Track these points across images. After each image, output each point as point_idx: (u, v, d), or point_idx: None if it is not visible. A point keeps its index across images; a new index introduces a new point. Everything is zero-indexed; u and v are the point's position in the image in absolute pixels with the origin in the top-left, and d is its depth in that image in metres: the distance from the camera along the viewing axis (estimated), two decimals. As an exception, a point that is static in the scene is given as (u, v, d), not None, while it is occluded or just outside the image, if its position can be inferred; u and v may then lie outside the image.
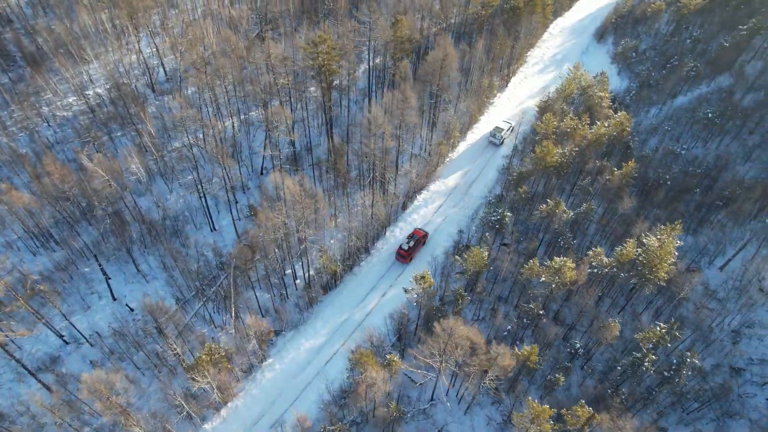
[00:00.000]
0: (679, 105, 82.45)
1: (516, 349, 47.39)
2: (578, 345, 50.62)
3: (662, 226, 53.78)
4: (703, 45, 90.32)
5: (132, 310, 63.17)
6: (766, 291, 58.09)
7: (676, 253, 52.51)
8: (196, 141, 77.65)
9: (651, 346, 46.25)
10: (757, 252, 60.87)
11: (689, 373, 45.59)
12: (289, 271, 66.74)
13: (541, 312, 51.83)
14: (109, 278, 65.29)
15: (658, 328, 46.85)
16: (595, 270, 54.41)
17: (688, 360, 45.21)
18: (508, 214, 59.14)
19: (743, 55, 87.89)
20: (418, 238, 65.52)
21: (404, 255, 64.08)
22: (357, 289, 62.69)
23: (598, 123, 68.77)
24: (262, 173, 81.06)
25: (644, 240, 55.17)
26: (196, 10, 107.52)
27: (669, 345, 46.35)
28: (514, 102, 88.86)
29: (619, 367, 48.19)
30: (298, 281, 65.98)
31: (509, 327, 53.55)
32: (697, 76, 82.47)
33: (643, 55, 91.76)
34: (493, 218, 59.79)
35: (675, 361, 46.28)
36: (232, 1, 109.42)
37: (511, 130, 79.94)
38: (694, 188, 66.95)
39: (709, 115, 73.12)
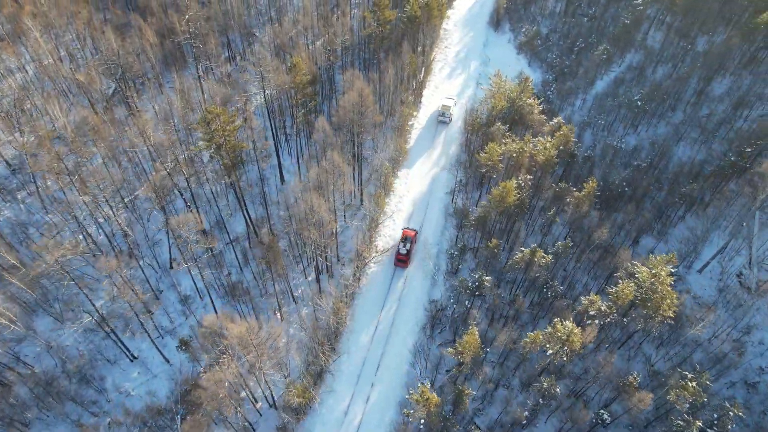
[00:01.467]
0: (599, 91, 79.78)
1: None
2: (607, 417, 45.34)
3: (653, 256, 49.65)
4: (599, 21, 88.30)
5: None
6: (746, 285, 57.02)
7: (672, 284, 48.61)
8: (77, 251, 60.42)
9: (688, 405, 41.95)
10: (726, 245, 59.40)
11: (733, 425, 42.06)
12: (243, 394, 54.97)
13: (557, 390, 45.80)
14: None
15: (689, 384, 42.60)
16: (596, 321, 49.20)
17: (732, 413, 41.54)
18: (488, 278, 51.86)
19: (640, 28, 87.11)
20: (412, 239, 62.12)
21: (404, 259, 61.58)
22: (335, 402, 52.65)
23: (542, 139, 63.31)
24: (171, 267, 67.00)
25: (635, 271, 50.97)
26: (24, 72, 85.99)
27: (705, 400, 42.33)
28: (432, 122, 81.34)
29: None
30: (259, 404, 54.64)
31: (526, 413, 46.95)
32: (608, 59, 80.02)
33: (547, 41, 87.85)
34: (471, 284, 52.26)
35: (716, 415, 42.49)
36: (71, 54, 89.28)
37: (455, 104, 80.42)
38: (649, 186, 64.23)
39: (639, 103, 70.67)
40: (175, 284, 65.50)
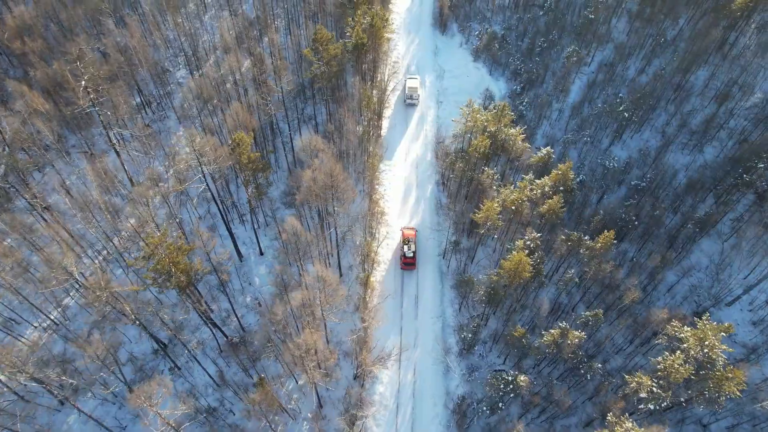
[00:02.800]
0: (575, 99, 72.44)
1: None
2: None
3: (702, 321, 44.06)
4: (555, 13, 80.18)
5: None
6: (778, 312, 53.29)
7: (725, 349, 43.29)
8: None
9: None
10: (758, 282, 54.73)
11: None
12: None
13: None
14: None
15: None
16: (651, 406, 43.34)
17: None
18: (523, 378, 44.46)
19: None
20: (414, 239, 60.10)
21: (410, 262, 59.31)
22: None
23: (538, 181, 55.63)
24: (131, 391, 55.39)
25: (677, 334, 45.36)
26: None
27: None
28: (400, 156, 71.68)
29: None
30: None
31: None
32: (578, 60, 72.51)
33: (504, 42, 78.80)
34: (503, 386, 44.72)
35: None
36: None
37: (420, 84, 78.29)
38: (654, 212, 58.38)
39: (626, 114, 64.09)
40: (140, 414, 53.98)
